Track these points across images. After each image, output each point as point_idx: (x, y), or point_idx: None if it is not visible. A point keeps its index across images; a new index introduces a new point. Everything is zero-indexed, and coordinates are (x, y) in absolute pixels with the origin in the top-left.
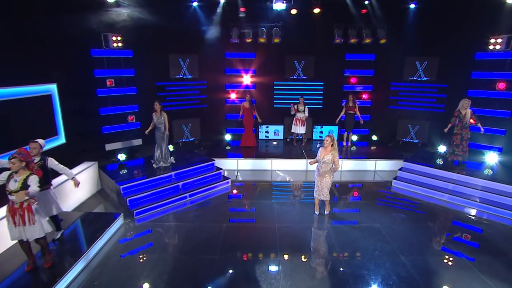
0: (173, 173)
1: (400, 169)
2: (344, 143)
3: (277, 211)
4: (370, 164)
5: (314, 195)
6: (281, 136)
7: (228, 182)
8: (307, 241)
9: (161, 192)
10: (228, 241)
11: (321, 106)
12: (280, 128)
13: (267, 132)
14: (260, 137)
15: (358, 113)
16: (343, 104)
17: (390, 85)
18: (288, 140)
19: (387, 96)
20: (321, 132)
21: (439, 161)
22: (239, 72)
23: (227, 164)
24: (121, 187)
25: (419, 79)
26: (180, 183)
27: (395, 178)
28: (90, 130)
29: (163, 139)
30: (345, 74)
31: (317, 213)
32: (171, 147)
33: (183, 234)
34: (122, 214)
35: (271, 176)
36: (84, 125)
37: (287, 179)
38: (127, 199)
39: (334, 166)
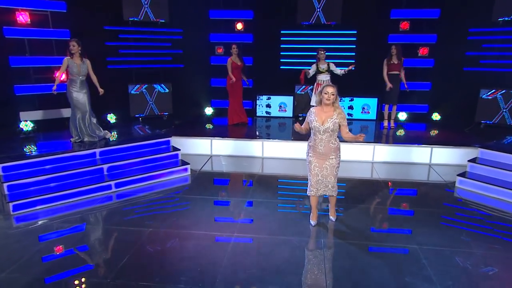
0: (97, 150)
1: (471, 161)
2: (386, 124)
3: (248, 217)
4: (421, 154)
5: (309, 192)
6: (289, 112)
7: (186, 170)
8: None
9: (69, 178)
10: (139, 261)
11: (353, 68)
12: (288, 100)
13: (268, 106)
14: (258, 113)
15: (403, 77)
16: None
17: (467, 32)
18: (300, 118)
19: (461, 51)
20: (350, 107)
21: None
22: (230, 16)
23: (196, 146)
24: (0, 166)
25: None
26: (106, 166)
27: (461, 175)
28: None
29: (85, 100)
30: (391, 17)
31: (313, 223)
32: (112, 117)
33: (71, 241)
34: None
35: (262, 166)
36: None
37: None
38: (5, 185)
39: (345, 136)
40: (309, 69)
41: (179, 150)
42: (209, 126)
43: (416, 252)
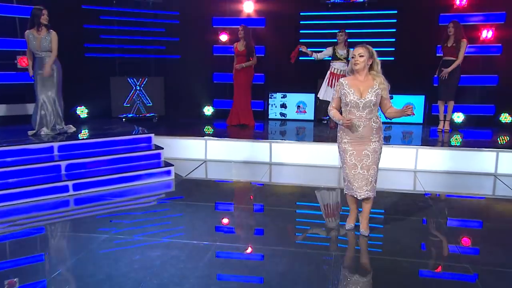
0: (56, 144)
1: None
2: (440, 127)
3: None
4: (482, 160)
5: (346, 190)
6: (309, 114)
7: (169, 173)
8: None
9: (15, 175)
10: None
11: (392, 58)
12: (309, 99)
13: (283, 106)
14: (270, 115)
15: (454, 64)
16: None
17: None
18: (324, 122)
19: None
20: None
21: None
22: None
23: (186, 149)
24: None
25: None
26: (64, 163)
27: None
28: None
29: (53, 83)
30: None
31: (348, 226)
32: (82, 111)
33: None
34: None
35: (270, 173)
36: None
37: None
38: None
39: (388, 111)
40: (318, 51)
41: (162, 148)
42: (207, 129)
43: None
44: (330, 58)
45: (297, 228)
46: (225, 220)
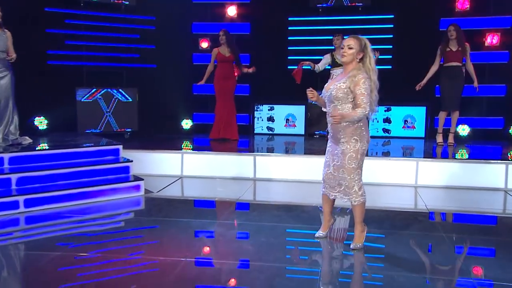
0: (6, 155)
1: None
2: (440, 140)
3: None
4: (490, 174)
5: (322, 189)
6: (299, 128)
7: (138, 189)
8: None
9: None
10: None
11: (389, 66)
12: (298, 111)
13: (270, 119)
14: (256, 130)
15: (472, 73)
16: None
17: None
18: (317, 136)
19: None
20: (387, 120)
21: None
22: (219, 0)
23: (160, 164)
24: None
25: None
26: (15, 176)
27: None
28: None
29: (6, 89)
30: None
31: (319, 234)
32: (41, 122)
33: None
34: None
35: (254, 190)
36: None
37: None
38: None
39: (361, 110)
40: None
41: (131, 161)
42: (185, 144)
43: None
44: (330, 67)
45: (279, 244)
46: (198, 237)
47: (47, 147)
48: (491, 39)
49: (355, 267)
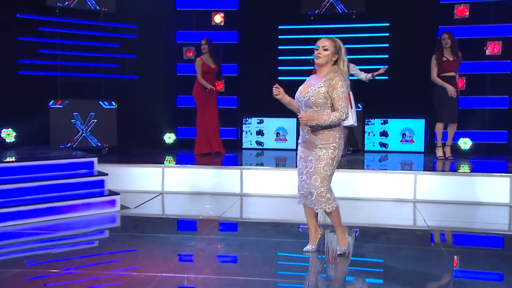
0: None
1: None
2: (440, 153)
3: None
4: (493, 188)
5: (298, 198)
6: (290, 143)
7: (113, 204)
8: None
9: None
10: None
11: (385, 77)
12: (289, 124)
13: (260, 133)
14: (244, 145)
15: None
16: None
17: None
18: None
19: None
20: (384, 134)
21: None
22: (205, 6)
23: (139, 180)
24: None
25: None
26: None
27: None
28: None
29: None
30: (441, 1)
31: (307, 248)
32: (8, 134)
33: None
34: None
35: (240, 206)
36: None
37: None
38: None
39: (337, 115)
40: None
41: (106, 175)
42: (168, 161)
43: None
44: None
45: (265, 258)
46: (175, 253)
47: (13, 159)
48: (493, 48)
49: (337, 279)
